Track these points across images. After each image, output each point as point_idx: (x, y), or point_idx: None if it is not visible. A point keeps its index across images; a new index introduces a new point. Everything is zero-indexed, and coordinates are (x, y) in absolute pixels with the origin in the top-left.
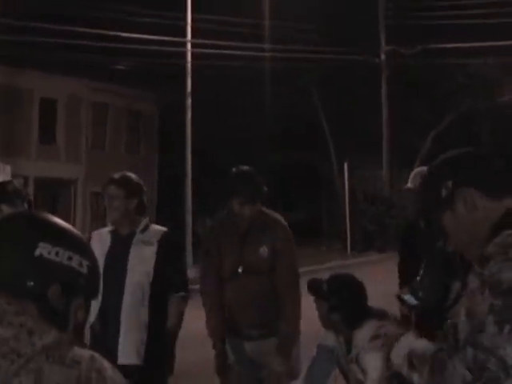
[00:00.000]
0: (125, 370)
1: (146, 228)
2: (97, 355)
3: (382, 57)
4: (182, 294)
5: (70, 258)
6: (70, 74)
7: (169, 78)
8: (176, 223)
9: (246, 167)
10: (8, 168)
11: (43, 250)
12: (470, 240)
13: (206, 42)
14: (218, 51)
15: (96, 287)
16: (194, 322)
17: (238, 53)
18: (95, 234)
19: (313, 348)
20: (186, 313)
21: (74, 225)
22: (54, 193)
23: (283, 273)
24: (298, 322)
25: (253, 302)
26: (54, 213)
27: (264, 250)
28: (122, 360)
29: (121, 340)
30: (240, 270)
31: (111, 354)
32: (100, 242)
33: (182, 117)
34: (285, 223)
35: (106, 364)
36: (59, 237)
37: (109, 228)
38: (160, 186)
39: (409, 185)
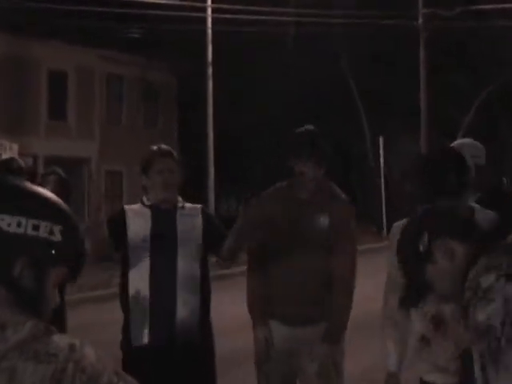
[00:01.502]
0: (184, 345)
1: (184, 204)
2: (78, 343)
3: (420, 20)
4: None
5: (35, 227)
6: (80, 43)
7: (188, 47)
8: (197, 202)
9: (310, 126)
10: (15, 147)
11: (1, 222)
12: (455, 288)
13: (228, 6)
14: (240, 16)
15: (78, 252)
16: (237, 305)
17: (263, 18)
18: (129, 209)
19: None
20: (226, 296)
21: (88, 207)
22: (65, 173)
23: (341, 253)
24: (349, 311)
25: (304, 282)
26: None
27: (325, 220)
28: (180, 337)
29: (179, 312)
30: (295, 246)
31: (167, 327)
32: (138, 216)
33: (201, 88)
34: (350, 201)
35: (89, 352)
36: (20, 203)
37: (144, 203)
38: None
39: None
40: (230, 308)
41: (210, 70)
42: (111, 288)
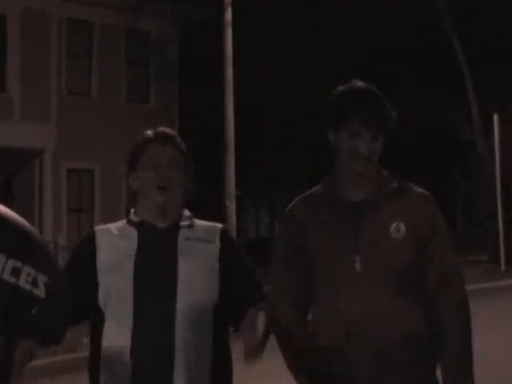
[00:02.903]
0: None
1: (191, 220)
2: None
3: None
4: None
5: (15, 273)
6: None
7: None
8: (209, 219)
9: (361, 82)
10: None
11: None
12: None
13: None
14: None
15: (59, 322)
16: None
17: None
18: (102, 231)
19: None
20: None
21: (40, 219)
22: (8, 171)
23: (437, 273)
24: (471, 366)
25: (380, 329)
26: (8, 201)
27: (399, 228)
28: None
29: None
30: (358, 266)
31: None
32: (117, 239)
33: (215, 43)
34: (427, 193)
35: None
36: None
37: (130, 219)
38: None
39: None
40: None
41: (228, 15)
42: (77, 352)
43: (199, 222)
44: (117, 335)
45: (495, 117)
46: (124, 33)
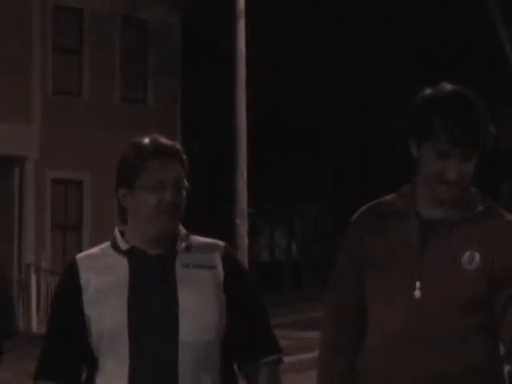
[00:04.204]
0: None
1: (188, 241)
2: None
3: None
4: (275, 356)
5: None
6: None
7: None
8: (218, 230)
9: (450, 85)
10: None
11: None
12: None
13: None
14: None
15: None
16: None
17: None
18: (85, 259)
19: None
20: None
21: (20, 237)
22: None
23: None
24: None
25: (434, 367)
26: None
27: (473, 258)
28: None
29: None
30: (417, 293)
31: None
32: (103, 272)
33: (223, 33)
34: None
35: None
36: None
37: (115, 244)
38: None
39: None
40: None
41: (241, 2)
42: None
43: (197, 241)
44: (113, 378)
45: None
46: (119, 21)
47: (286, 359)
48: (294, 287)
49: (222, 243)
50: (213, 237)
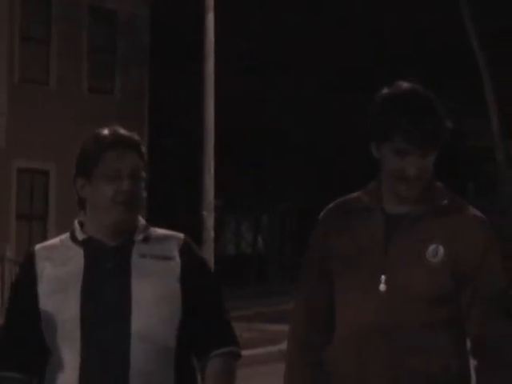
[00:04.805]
0: None
1: (147, 232)
2: None
3: None
4: (230, 348)
5: None
6: None
7: None
8: (183, 230)
9: (408, 84)
10: None
11: None
12: None
13: None
14: None
15: None
16: None
17: None
18: (42, 250)
19: None
20: None
21: None
22: None
23: (478, 314)
24: None
25: (401, 360)
26: None
27: (437, 251)
28: None
29: None
30: (382, 287)
31: None
32: (60, 262)
33: (193, 26)
34: (483, 217)
35: None
36: None
37: (74, 235)
38: (152, 151)
39: None
40: None
41: None
42: None
43: (156, 233)
44: (65, 368)
45: None
46: (86, 11)
47: (251, 351)
48: (260, 281)
49: (181, 235)
50: (180, 229)
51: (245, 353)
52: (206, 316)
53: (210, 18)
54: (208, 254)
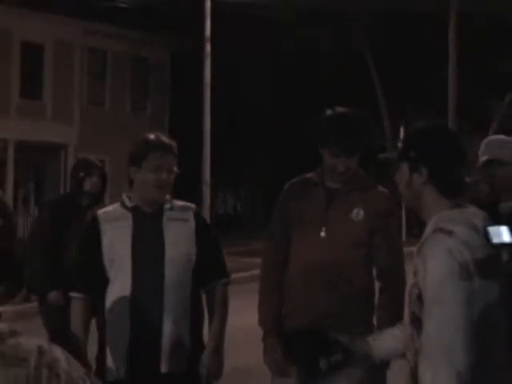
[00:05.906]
0: (169, 378)
1: (172, 203)
2: (46, 344)
3: None
4: (225, 279)
5: None
6: (59, 12)
7: (183, 20)
8: (190, 199)
9: (342, 109)
10: None
11: None
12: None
13: None
14: None
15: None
16: (244, 316)
17: None
18: (103, 214)
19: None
20: (232, 305)
21: None
22: (39, 160)
23: (383, 252)
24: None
25: (335, 283)
26: (39, 185)
27: (359, 213)
28: (166, 367)
29: (164, 340)
30: (323, 234)
31: (150, 359)
32: (116, 221)
33: (198, 67)
34: (387, 191)
35: (59, 354)
36: None
37: (124, 204)
38: None
39: (482, 157)
40: (236, 319)
41: (208, 48)
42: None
43: (176, 203)
44: (121, 286)
45: (401, 130)
46: (130, 59)
47: (232, 276)
48: (239, 231)
49: (193, 205)
50: (187, 199)
51: None
52: (210, 256)
53: (207, 64)
54: (206, 215)
